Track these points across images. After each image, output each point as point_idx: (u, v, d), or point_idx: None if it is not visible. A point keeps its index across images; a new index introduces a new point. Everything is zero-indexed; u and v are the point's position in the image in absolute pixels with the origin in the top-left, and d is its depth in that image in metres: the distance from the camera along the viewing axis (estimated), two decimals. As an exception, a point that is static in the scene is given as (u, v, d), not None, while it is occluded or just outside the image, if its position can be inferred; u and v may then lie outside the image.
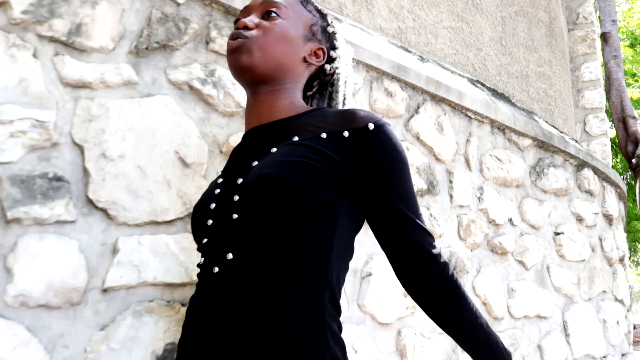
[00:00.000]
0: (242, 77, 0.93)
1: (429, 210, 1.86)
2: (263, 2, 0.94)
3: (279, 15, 0.92)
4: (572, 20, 5.46)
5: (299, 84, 0.97)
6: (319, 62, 0.99)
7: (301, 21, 0.96)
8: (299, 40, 0.95)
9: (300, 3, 0.97)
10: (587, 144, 5.33)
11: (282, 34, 0.92)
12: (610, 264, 2.98)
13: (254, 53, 0.89)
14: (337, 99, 1.03)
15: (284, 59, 0.92)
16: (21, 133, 1.04)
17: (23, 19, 1.07)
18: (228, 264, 0.80)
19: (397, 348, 1.69)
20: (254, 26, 0.91)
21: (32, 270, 1.02)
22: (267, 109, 0.93)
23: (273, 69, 0.91)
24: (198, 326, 0.82)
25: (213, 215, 0.87)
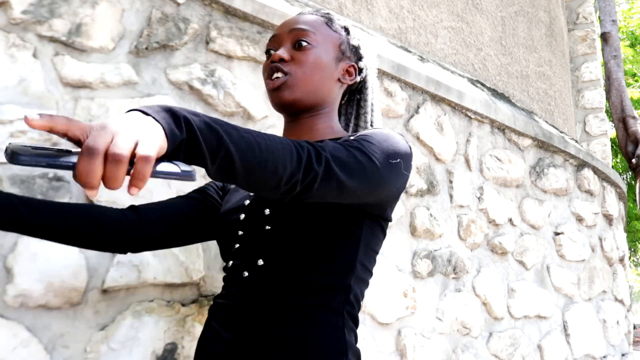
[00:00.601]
0: (286, 112, 0.96)
1: (429, 210, 1.86)
2: (291, 30, 0.95)
3: (309, 44, 0.93)
4: (572, 20, 5.46)
5: (335, 105, 1.00)
6: (352, 79, 1.01)
7: (330, 43, 0.97)
8: (332, 64, 0.96)
9: (326, 24, 0.98)
10: (587, 144, 5.33)
11: (316, 63, 0.93)
12: (610, 264, 2.98)
13: (295, 89, 0.91)
14: (365, 107, 1.05)
15: (321, 86, 0.94)
16: (21, 133, 1.04)
17: (23, 19, 1.07)
18: (258, 270, 0.86)
19: (397, 348, 1.70)
20: (289, 58, 0.92)
21: (32, 270, 1.02)
22: (307, 131, 0.96)
23: (313, 98, 0.94)
24: (225, 325, 0.86)
25: (243, 226, 0.91)
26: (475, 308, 1.99)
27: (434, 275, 1.85)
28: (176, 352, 1.18)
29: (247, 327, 0.83)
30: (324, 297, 0.83)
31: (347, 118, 1.08)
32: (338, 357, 0.81)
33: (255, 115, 1.41)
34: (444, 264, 1.88)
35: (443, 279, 1.89)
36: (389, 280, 1.67)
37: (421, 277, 1.80)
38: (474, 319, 1.97)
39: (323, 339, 0.81)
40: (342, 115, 1.09)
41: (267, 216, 0.87)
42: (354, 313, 0.87)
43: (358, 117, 1.06)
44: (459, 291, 1.94)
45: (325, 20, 0.98)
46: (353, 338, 0.86)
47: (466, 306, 1.95)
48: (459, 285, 1.95)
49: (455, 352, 1.89)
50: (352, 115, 1.07)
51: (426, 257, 1.82)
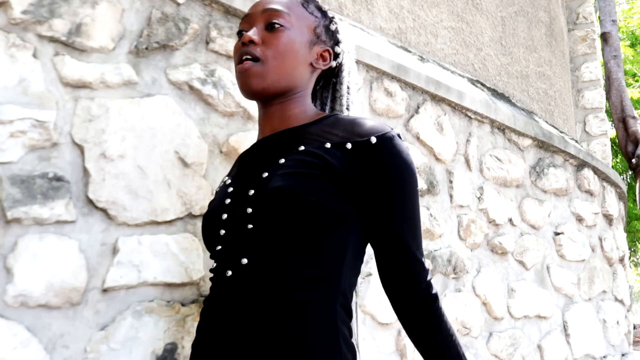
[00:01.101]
0: (254, 98, 0.93)
1: (429, 210, 1.86)
2: (264, 10, 0.91)
3: (282, 25, 0.90)
4: (572, 20, 5.46)
5: (308, 89, 0.97)
6: (326, 65, 0.97)
7: (305, 26, 0.93)
8: (305, 47, 0.93)
9: (302, 5, 0.95)
10: (587, 144, 5.33)
11: (288, 46, 0.90)
12: (610, 264, 2.98)
13: (264, 76, 0.88)
14: (341, 90, 1.02)
15: (292, 72, 0.91)
16: (21, 133, 1.04)
17: (23, 19, 1.07)
18: (242, 268, 0.82)
19: (397, 348, 1.70)
20: (259, 41, 0.89)
21: (32, 270, 1.02)
22: (279, 119, 0.93)
23: (284, 85, 0.91)
24: (212, 328, 0.84)
25: (225, 225, 0.88)
26: (475, 308, 1.99)
27: (434, 275, 1.85)
28: (176, 352, 1.18)
29: (234, 327, 0.80)
30: (313, 291, 0.80)
31: (323, 102, 1.05)
32: (331, 352, 0.78)
33: (255, 116, 1.41)
34: (444, 264, 1.88)
35: (443, 279, 1.89)
36: (389, 280, 1.66)
37: (421, 277, 1.80)
38: (474, 319, 1.97)
39: (314, 335, 0.78)
40: (318, 99, 1.06)
41: (250, 214, 0.84)
42: (347, 304, 0.84)
43: (334, 101, 1.03)
44: (459, 291, 1.94)
45: (301, 1, 0.95)
46: (347, 331, 0.82)
47: (466, 306, 1.95)
48: (459, 285, 1.95)
49: (455, 352, 1.89)
50: (328, 99, 1.04)
51: (426, 257, 1.82)
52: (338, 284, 0.82)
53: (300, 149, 0.86)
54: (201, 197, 1.27)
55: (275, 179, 0.83)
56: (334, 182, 0.82)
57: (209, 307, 0.87)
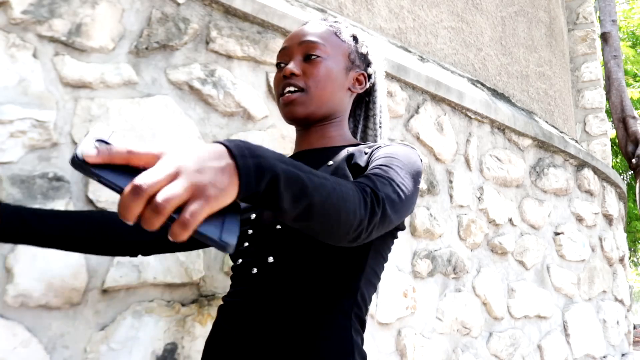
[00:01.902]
0: (298, 125, 0.97)
1: (429, 210, 1.86)
2: (301, 42, 0.95)
3: (320, 56, 0.94)
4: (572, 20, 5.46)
5: (346, 113, 1.01)
6: (362, 88, 1.02)
7: (340, 54, 0.97)
8: (342, 74, 0.97)
9: (335, 34, 0.98)
10: (587, 144, 5.33)
11: (327, 75, 0.94)
12: (610, 264, 2.98)
13: (307, 104, 0.92)
14: (374, 109, 1.06)
15: (333, 98, 0.95)
16: (21, 133, 1.04)
17: (23, 19, 1.07)
18: (268, 267, 0.85)
19: (397, 348, 1.70)
20: (300, 73, 0.93)
21: (32, 270, 1.02)
22: (319, 138, 0.97)
23: (325, 111, 0.95)
24: (232, 323, 0.86)
25: (253, 225, 0.91)
26: (475, 308, 1.99)
27: (434, 275, 1.85)
28: (176, 352, 1.18)
29: (254, 324, 0.83)
30: (333, 298, 0.83)
31: (356, 119, 1.10)
32: (345, 358, 0.81)
33: (256, 115, 1.41)
34: (444, 264, 1.88)
35: (443, 279, 1.89)
36: (389, 280, 1.67)
37: (421, 277, 1.80)
38: (474, 319, 1.97)
39: (330, 339, 0.81)
40: (351, 117, 1.10)
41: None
42: (362, 316, 0.87)
43: (367, 119, 1.08)
44: (459, 291, 1.94)
45: (334, 30, 0.99)
46: (360, 340, 0.86)
47: (466, 306, 1.95)
48: (459, 285, 1.95)
49: (455, 352, 1.89)
50: (361, 117, 1.09)
51: (426, 257, 1.82)
52: (355, 295, 0.85)
53: (329, 164, 0.90)
54: (201, 197, 1.27)
55: None
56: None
57: (231, 304, 0.89)
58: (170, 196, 0.45)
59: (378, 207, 0.69)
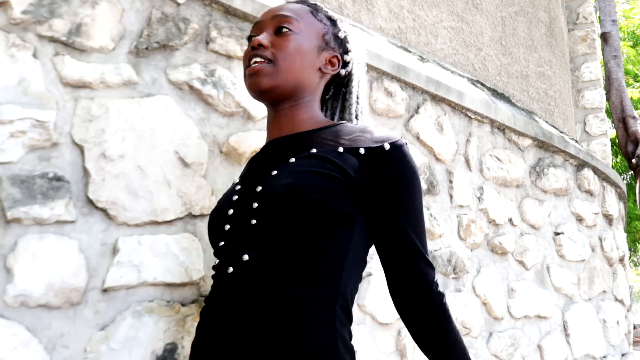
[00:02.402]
0: (263, 99, 0.95)
1: (429, 210, 1.86)
2: (274, 16, 0.94)
3: (291, 30, 0.92)
4: (572, 20, 5.46)
5: (317, 95, 0.99)
6: (334, 70, 1.00)
7: (313, 32, 0.96)
8: (314, 52, 0.95)
9: (311, 13, 0.97)
10: (587, 144, 5.33)
11: (296, 49, 0.92)
12: (610, 264, 2.98)
13: (273, 75, 0.91)
14: (350, 99, 1.04)
15: (301, 74, 0.94)
16: (21, 133, 1.04)
17: (23, 19, 1.07)
18: (243, 265, 0.83)
19: (397, 348, 1.70)
20: (268, 44, 0.91)
21: (32, 270, 1.02)
22: (288, 123, 0.95)
23: (293, 86, 0.93)
24: (211, 326, 0.84)
25: (230, 221, 0.89)
26: (475, 308, 1.99)
27: (434, 275, 1.85)
28: (176, 352, 1.19)
29: (233, 325, 0.80)
30: (313, 290, 0.80)
31: (333, 112, 1.07)
32: (328, 353, 0.78)
33: (256, 115, 1.41)
34: (444, 264, 1.88)
35: (443, 279, 1.89)
36: (389, 280, 1.66)
37: (421, 277, 1.80)
38: (474, 319, 1.97)
39: (311, 334, 0.78)
40: (328, 109, 1.07)
41: (255, 209, 0.85)
42: (347, 306, 0.84)
43: (343, 110, 1.05)
44: (459, 291, 1.94)
45: (311, 9, 0.98)
46: (346, 333, 0.83)
47: (466, 306, 1.95)
48: (459, 285, 1.95)
49: (455, 352, 1.89)
50: (337, 108, 1.06)
51: (426, 257, 1.82)
52: (337, 285, 0.82)
53: (312, 152, 0.88)
54: (201, 197, 1.27)
55: (284, 176, 0.85)
56: (344, 184, 0.84)
57: (209, 305, 0.88)
58: None
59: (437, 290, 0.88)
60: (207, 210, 1.26)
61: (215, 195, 1.29)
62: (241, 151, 1.35)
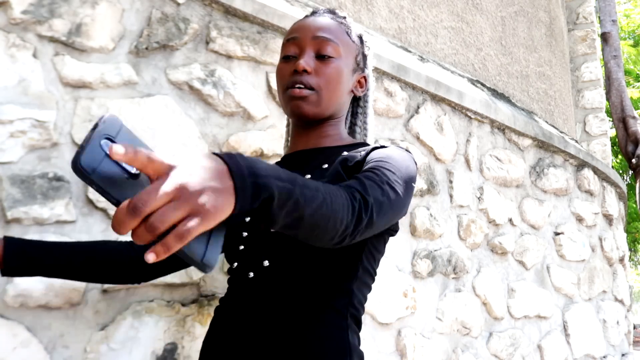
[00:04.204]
0: (301, 122, 0.95)
1: (429, 210, 1.86)
2: (315, 37, 0.92)
3: (333, 57, 0.92)
4: (572, 20, 5.46)
5: (344, 114, 1.00)
6: (363, 91, 1.01)
7: (350, 55, 0.96)
8: (349, 76, 0.96)
9: (346, 33, 0.96)
10: (587, 144, 5.33)
11: (338, 77, 0.92)
12: (610, 264, 2.98)
13: (317, 104, 0.91)
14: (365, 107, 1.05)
15: (339, 100, 0.94)
16: (21, 133, 1.04)
17: (23, 19, 1.07)
18: (263, 270, 0.85)
19: (397, 348, 1.70)
20: (312, 71, 0.90)
21: (32, 270, 1.02)
22: (315, 138, 0.96)
23: (332, 112, 0.94)
24: (229, 326, 0.86)
25: (248, 228, 0.90)
26: (475, 308, 1.99)
27: (434, 275, 1.85)
28: (176, 352, 1.18)
29: (251, 326, 0.83)
30: (328, 298, 0.83)
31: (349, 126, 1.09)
32: (341, 358, 0.81)
33: (255, 115, 1.41)
34: (444, 264, 1.88)
35: (443, 279, 1.89)
36: (389, 280, 1.67)
37: (421, 277, 1.80)
38: (474, 319, 1.97)
39: (327, 339, 0.81)
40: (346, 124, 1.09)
41: None
42: (357, 315, 0.87)
43: (355, 116, 1.06)
44: (459, 291, 1.94)
45: (345, 28, 0.97)
46: (356, 340, 0.86)
47: (466, 306, 1.95)
48: (459, 285, 1.95)
49: (455, 352, 1.89)
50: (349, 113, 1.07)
51: (426, 257, 1.82)
52: (351, 293, 0.85)
53: (323, 167, 0.89)
54: (201, 197, 1.27)
55: None
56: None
57: (228, 307, 0.89)
58: (166, 218, 0.46)
59: (365, 214, 0.69)
60: (207, 210, 1.26)
61: (215, 195, 1.29)
62: (241, 151, 1.35)
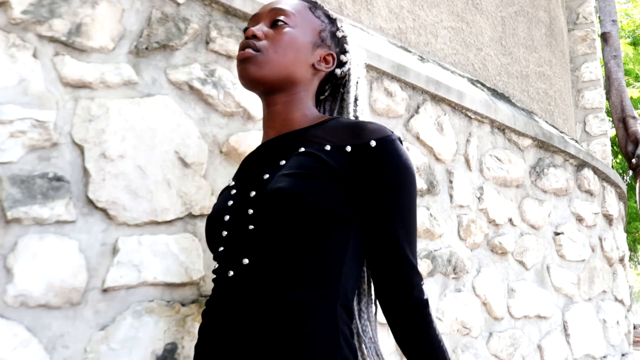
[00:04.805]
0: (252, 88, 0.95)
1: (429, 210, 1.86)
2: (271, 10, 0.94)
3: (287, 24, 0.92)
4: (572, 20, 5.46)
5: (309, 91, 0.98)
6: (328, 67, 0.99)
7: (310, 28, 0.96)
8: (308, 48, 0.95)
9: (309, 9, 0.97)
10: (587, 144, 5.33)
11: (290, 42, 0.92)
12: (610, 264, 2.98)
13: (262, 65, 0.90)
14: (348, 99, 1.02)
15: (292, 67, 0.93)
16: (21, 133, 1.04)
17: (23, 19, 1.07)
18: (243, 269, 0.83)
19: (397, 348, 1.69)
20: (262, 36, 0.91)
21: (32, 270, 1.02)
22: (282, 122, 0.95)
23: (282, 79, 0.93)
24: (214, 328, 0.85)
25: (227, 227, 0.89)
26: (475, 308, 1.99)
27: (434, 275, 1.85)
28: (176, 352, 1.19)
29: (236, 327, 0.81)
30: (313, 289, 0.80)
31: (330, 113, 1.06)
32: (332, 352, 0.78)
33: (255, 116, 1.41)
34: (444, 264, 1.88)
35: (443, 279, 1.89)
36: (389, 280, 1.66)
37: (421, 277, 1.80)
38: (474, 319, 1.97)
39: (315, 334, 0.78)
40: (326, 110, 1.07)
41: (251, 215, 0.85)
42: (348, 304, 0.85)
43: (341, 111, 1.04)
44: (459, 291, 1.94)
45: (309, 5, 0.98)
46: (348, 331, 0.83)
47: (466, 306, 1.95)
48: (459, 285, 1.95)
49: (455, 352, 1.89)
50: (335, 110, 1.05)
51: (426, 257, 1.82)
52: (337, 284, 0.82)
53: (300, 151, 0.87)
54: (201, 197, 1.27)
55: (275, 180, 0.84)
56: (334, 183, 0.83)
57: (211, 308, 0.88)
58: None
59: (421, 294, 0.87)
60: (207, 210, 1.26)
61: (215, 195, 1.29)
62: (241, 151, 1.35)
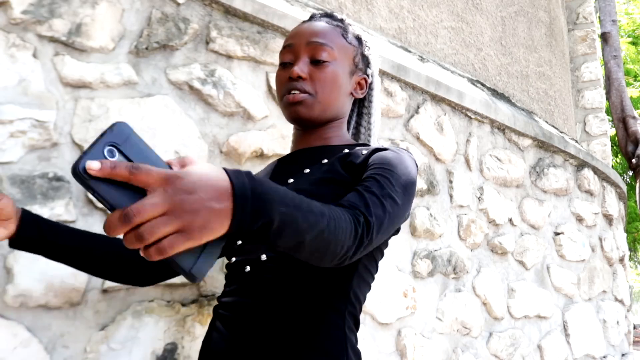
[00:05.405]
0: (300, 126, 0.97)
1: (429, 210, 1.86)
2: (309, 43, 0.93)
3: (327, 61, 0.92)
4: (572, 20, 5.46)
5: (346, 117, 1.01)
6: (363, 93, 1.01)
7: (346, 58, 0.96)
8: (347, 79, 0.96)
9: (342, 36, 0.97)
10: (587, 144, 5.33)
11: (333, 80, 0.93)
12: (610, 264, 2.98)
13: (313, 107, 0.92)
14: (370, 108, 1.06)
15: (337, 103, 0.95)
16: (21, 133, 1.04)
17: (23, 19, 1.07)
18: (260, 264, 0.85)
19: (397, 348, 1.69)
20: (307, 77, 0.91)
21: (32, 270, 1.02)
22: (317, 140, 0.97)
23: (329, 115, 0.95)
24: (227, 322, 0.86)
25: None
26: (475, 308, 1.99)
27: (434, 275, 1.85)
28: (176, 352, 1.18)
29: (248, 322, 0.83)
30: (325, 296, 0.83)
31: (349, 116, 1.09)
32: (338, 356, 0.80)
33: (255, 115, 1.41)
34: (444, 264, 1.88)
35: (443, 279, 1.89)
36: (389, 280, 1.67)
37: (421, 277, 1.80)
38: (474, 319, 1.97)
39: (323, 337, 0.81)
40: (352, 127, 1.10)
41: None
42: (355, 314, 0.87)
43: (360, 116, 1.08)
44: (459, 291, 1.94)
45: (341, 31, 0.97)
46: (354, 338, 0.85)
47: (466, 306, 1.95)
48: (459, 285, 1.95)
49: (455, 352, 1.89)
50: (354, 113, 1.08)
51: (426, 257, 1.82)
52: (348, 290, 0.84)
53: (323, 162, 0.90)
54: (201, 197, 1.27)
55: (300, 183, 0.87)
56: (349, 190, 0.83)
57: (226, 302, 0.89)
58: (155, 231, 0.46)
59: (367, 237, 0.69)
60: (207, 210, 1.26)
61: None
62: (241, 151, 1.35)
